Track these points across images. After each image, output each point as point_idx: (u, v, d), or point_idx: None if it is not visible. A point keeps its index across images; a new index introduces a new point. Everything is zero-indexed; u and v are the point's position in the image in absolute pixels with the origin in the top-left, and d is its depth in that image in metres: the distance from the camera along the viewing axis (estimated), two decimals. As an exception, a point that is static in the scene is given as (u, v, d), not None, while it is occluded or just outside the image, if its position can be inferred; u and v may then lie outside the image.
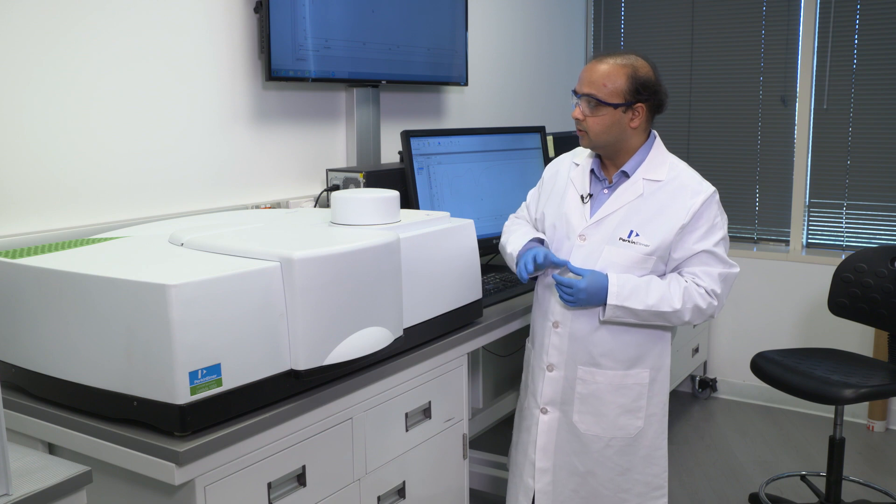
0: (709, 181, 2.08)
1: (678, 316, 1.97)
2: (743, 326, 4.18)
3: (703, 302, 1.97)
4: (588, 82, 1.99)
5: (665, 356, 2.10)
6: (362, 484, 1.87)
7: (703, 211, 1.99)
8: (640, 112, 1.99)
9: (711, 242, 1.98)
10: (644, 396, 2.07)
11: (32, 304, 1.61)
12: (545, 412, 2.13)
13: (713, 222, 1.99)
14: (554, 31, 4.24)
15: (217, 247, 1.67)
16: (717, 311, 2.01)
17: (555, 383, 2.11)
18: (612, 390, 2.06)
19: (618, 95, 1.96)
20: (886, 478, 3.30)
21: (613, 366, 2.05)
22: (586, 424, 2.08)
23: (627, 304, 1.95)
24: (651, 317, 1.97)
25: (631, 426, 2.08)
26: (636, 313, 1.96)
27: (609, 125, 1.99)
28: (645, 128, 2.05)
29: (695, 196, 1.99)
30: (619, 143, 2.03)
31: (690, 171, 2.08)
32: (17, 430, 1.63)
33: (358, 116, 2.91)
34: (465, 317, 2.15)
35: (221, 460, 1.50)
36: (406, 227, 1.92)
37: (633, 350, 2.05)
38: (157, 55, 2.27)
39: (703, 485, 3.25)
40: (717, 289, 1.98)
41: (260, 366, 1.55)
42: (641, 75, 1.97)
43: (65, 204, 2.08)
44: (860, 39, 3.85)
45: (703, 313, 1.99)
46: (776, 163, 4.12)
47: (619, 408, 2.07)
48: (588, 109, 1.99)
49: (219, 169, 2.48)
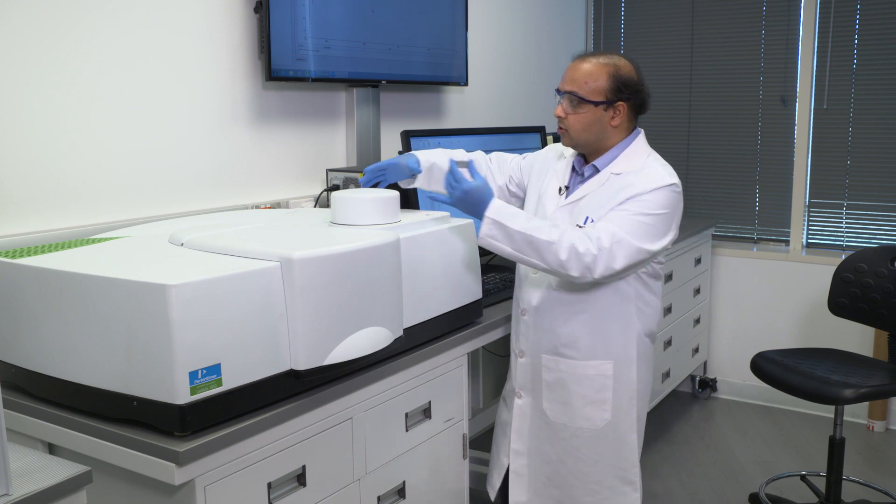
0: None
1: (553, 251, 1.87)
2: (743, 326, 4.18)
3: (581, 246, 1.87)
4: (570, 80, 2.01)
5: (630, 348, 2.08)
6: (362, 484, 1.87)
7: (645, 194, 1.93)
8: (621, 111, 2.00)
9: (628, 207, 1.92)
10: (609, 388, 2.08)
11: (32, 304, 1.61)
12: (520, 396, 2.20)
13: (647, 199, 1.92)
14: (554, 31, 4.24)
15: (217, 247, 1.67)
16: (599, 266, 1.87)
17: (525, 369, 2.18)
18: (576, 380, 2.08)
19: (599, 93, 1.98)
20: (886, 478, 3.30)
21: (575, 355, 2.07)
22: (555, 413, 2.12)
23: (504, 222, 1.90)
24: (525, 245, 1.89)
25: (597, 418, 2.09)
26: (511, 235, 1.90)
27: (590, 123, 2.01)
28: (626, 127, 2.05)
29: (647, 182, 1.95)
30: (600, 142, 2.05)
31: (660, 167, 2.02)
32: (17, 430, 1.63)
33: (358, 116, 2.91)
34: (465, 317, 2.15)
35: (221, 460, 1.50)
36: (406, 227, 1.92)
37: (595, 341, 2.06)
38: (157, 55, 2.27)
39: (703, 485, 3.25)
40: (605, 242, 1.87)
41: (260, 366, 1.55)
42: (623, 74, 1.99)
43: (65, 204, 2.08)
44: (860, 39, 3.85)
45: (580, 258, 1.87)
46: (776, 163, 4.12)
47: (583, 398, 2.08)
48: (570, 107, 2.01)
49: (219, 169, 2.48)
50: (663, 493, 3.17)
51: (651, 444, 3.63)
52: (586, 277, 1.90)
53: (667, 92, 4.33)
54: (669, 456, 3.51)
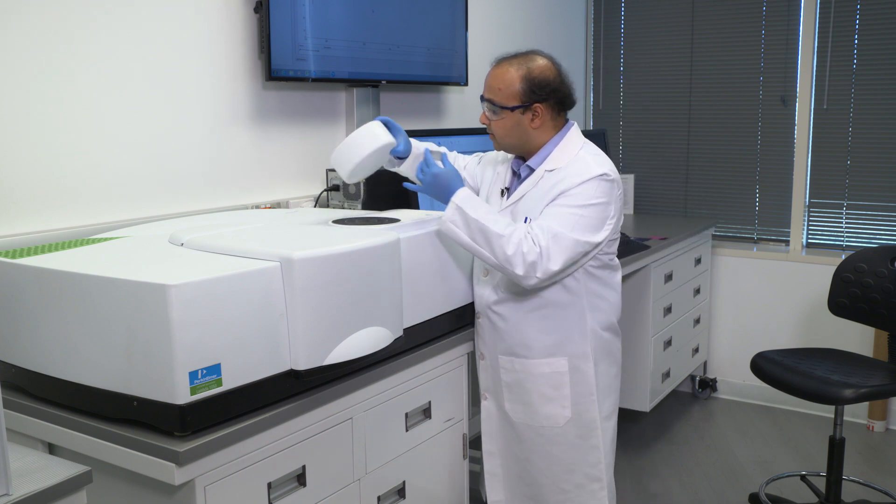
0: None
1: (501, 245, 1.88)
2: (743, 326, 4.18)
3: (525, 245, 1.88)
4: (487, 87, 2.03)
5: (585, 344, 2.06)
6: (362, 484, 1.87)
7: (575, 188, 1.94)
8: (539, 112, 2.00)
9: (562, 203, 1.94)
10: (566, 385, 2.07)
11: (32, 304, 1.61)
12: (485, 398, 2.21)
13: (578, 192, 1.93)
14: (554, 31, 4.24)
15: (217, 247, 1.67)
16: (541, 267, 1.89)
17: (486, 371, 2.18)
18: (532, 379, 2.08)
19: (514, 98, 1.99)
20: (886, 478, 3.30)
21: (529, 354, 2.07)
22: (516, 413, 2.13)
23: (465, 209, 1.91)
24: (479, 235, 1.90)
25: (557, 415, 2.08)
26: (468, 223, 1.91)
27: (510, 128, 2.02)
28: (551, 126, 2.05)
29: (575, 177, 1.95)
30: (526, 144, 2.05)
31: (591, 158, 2.01)
32: (17, 430, 1.63)
33: (358, 116, 2.91)
34: (466, 317, 2.16)
35: (221, 460, 1.50)
36: (406, 227, 1.93)
37: (549, 339, 2.06)
38: (158, 55, 2.27)
39: (703, 485, 3.25)
40: (542, 240, 1.89)
41: (260, 366, 1.55)
42: (535, 76, 1.98)
43: (65, 204, 2.08)
44: (860, 39, 3.85)
45: (523, 257, 1.88)
46: (776, 163, 4.12)
47: (541, 396, 2.08)
48: (491, 114, 2.03)
49: (219, 169, 2.48)
50: (663, 493, 3.17)
51: (651, 444, 3.63)
52: (530, 276, 1.90)
53: (667, 92, 4.33)
54: (669, 456, 3.51)
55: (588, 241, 1.93)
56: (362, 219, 2.04)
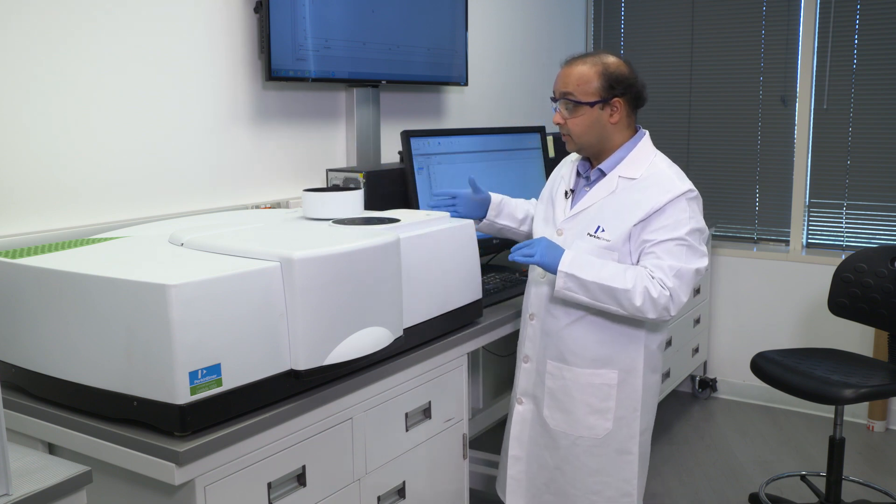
0: (692, 181, 2.06)
1: (629, 298, 1.91)
2: (743, 326, 4.18)
3: (654, 290, 1.90)
4: (563, 85, 2.03)
5: (637, 360, 2.08)
6: (362, 484, 1.87)
7: (668, 208, 1.96)
8: (618, 107, 2.01)
9: (669, 237, 1.95)
10: (612, 398, 2.07)
11: (32, 304, 1.61)
12: (521, 402, 2.19)
13: (677, 219, 1.96)
14: (554, 31, 4.24)
15: (217, 247, 1.67)
16: (674, 306, 1.93)
17: (528, 375, 2.17)
18: (580, 388, 2.07)
19: (593, 94, 1.99)
20: (886, 478, 3.30)
21: (581, 363, 2.06)
22: (555, 420, 2.11)
23: (578, 274, 1.93)
24: (601, 293, 1.93)
25: (599, 427, 2.08)
26: (587, 286, 1.93)
27: (589, 124, 2.01)
28: (627, 124, 2.06)
29: (664, 194, 1.97)
30: (603, 142, 2.05)
31: (670, 170, 2.04)
32: (17, 430, 1.63)
33: (358, 116, 2.91)
34: (465, 317, 2.15)
35: (221, 460, 1.50)
36: (406, 227, 1.93)
37: (602, 349, 2.05)
38: (158, 55, 2.27)
39: (703, 485, 3.25)
40: (669, 282, 1.92)
41: (260, 366, 1.55)
42: (613, 71, 2.00)
43: (65, 204, 2.08)
44: (860, 39, 3.85)
45: (655, 303, 1.91)
46: (776, 163, 4.12)
47: (586, 407, 2.07)
48: (567, 112, 2.03)
49: (219, 169, 2.48)
50: (663, 493, 3.17)
51: (651, 443, 3.62)
52: (663, 317, 1.95)
53: (667, 92, 4.33)
54: (669, 456, 3.51)
55: (702, 267, 1.99)
56: (362, 219, 2.04)
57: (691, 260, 1.96)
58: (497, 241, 2.71)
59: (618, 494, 2.11)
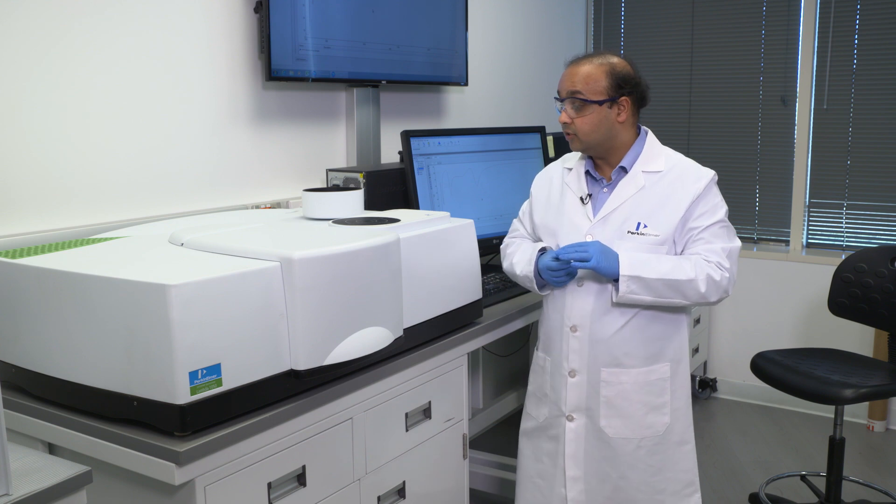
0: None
1: (694, 287, 1.95)
2: (743, 326, 4.18)
3: (716, 274, 1.96)
4: (570, 84, 2.02)
5: (684, 349, 2.10)
6: (362, 484, 1.87)
7: (705, 194, 2.02)
8: (625, 106, 2.02)
9: (712, 221, 2.01)
10: (667, 391, 2.07)
11: (32, 304, 1.61)
12: (571, 419, 2.09)
13: (714, 203, 2.03)
14: (554, 31, 4.24)
15: (217, 247, 1.67)
16: (731, 285, 2.00)
17: (578, 389, 2.08)
18: (637, 388, 2.05)
19: (601, 92, 1.99)
20: (886, 478, 3.30)
21: (636, 363, 2.05)
22: (614, 428, 2.06)
23: (641, 274, 1.93)
24: (666, 289, 1.95)
25: (658, 423, 2.07)
26: (650, 285, 1.94)
27: (597, 123, 2.01)
28: (632, 122, 2.06)
29: (697, 181, 2.02)
30: (610, 141, 2.04)
31: (688, 160, 2.10)
32: (17, 430, 1.63)
33: (358, 116, 2.91)
34: (465, 317, 2.15)
35: (221, 460, 1.50)
36: (406, 227, 1.93)
37: (653, 345, 2.05)
38: (157, 55, 2.27)
39: (703, 485, 3.25)
40: (725, 262, 1.99)
41: (260, 366, 1.55)
42: (620, 70, 2.00)
43: (65, 204, 2.08)
44: (860, 39, 3.85)
45: (717, 286, 1.97)
46: (776, 163, 4.12)
47: (644, 406, 2.06)
48: (573, 111, 2.01)
49: (219, 169, 2.48)
50: (663, 493, 3.17)
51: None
52: (723, 299, 2.01)
53: (667, 92, 4.33)
54: (669, 456, 3.51)
55: (740, 244, 2.06)
56: (362, 219, 2.04)
57: (734, 239, 2.05)
58: (497, 242, 2.71)
59: (681, 486, 2.11)
